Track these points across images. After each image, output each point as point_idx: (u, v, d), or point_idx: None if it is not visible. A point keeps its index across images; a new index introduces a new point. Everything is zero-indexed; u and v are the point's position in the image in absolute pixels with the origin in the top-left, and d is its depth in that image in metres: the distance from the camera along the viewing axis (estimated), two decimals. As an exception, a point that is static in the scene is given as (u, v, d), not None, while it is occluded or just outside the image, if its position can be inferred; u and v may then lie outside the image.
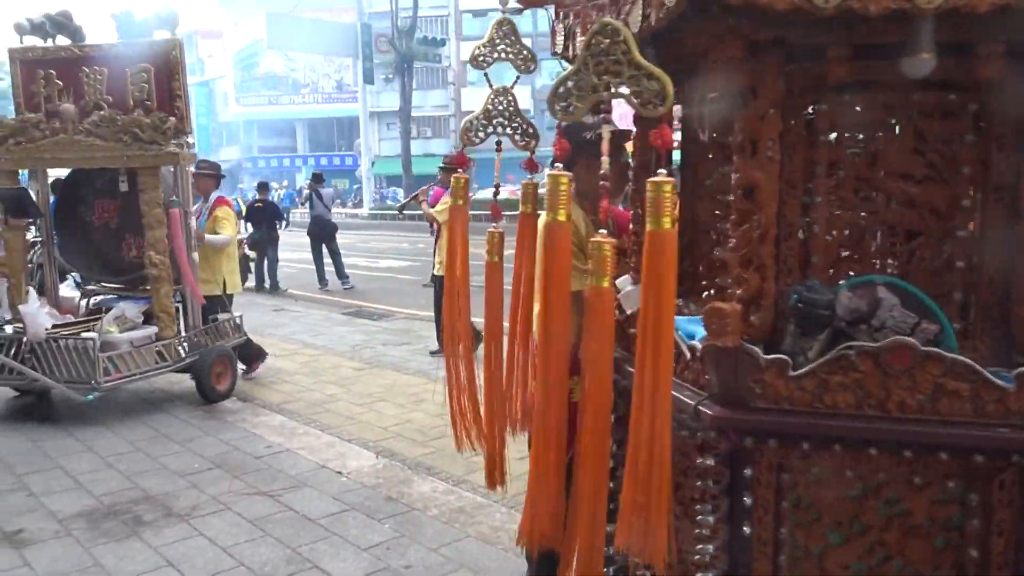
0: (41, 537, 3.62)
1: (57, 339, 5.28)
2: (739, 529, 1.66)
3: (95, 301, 6.25)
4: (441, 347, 7.13)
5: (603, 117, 1.39)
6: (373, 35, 33.14)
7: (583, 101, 1.33)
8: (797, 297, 1.68)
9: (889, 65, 1.62)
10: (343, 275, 12.39)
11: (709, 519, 1.68)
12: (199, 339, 5.88)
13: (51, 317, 5.63)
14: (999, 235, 1.73)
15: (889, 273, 1.79)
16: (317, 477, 4.32)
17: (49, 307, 5.78)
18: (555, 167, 1.42)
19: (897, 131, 1.79)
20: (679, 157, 2.33)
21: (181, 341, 5.79)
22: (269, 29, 33.72)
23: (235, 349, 6.21)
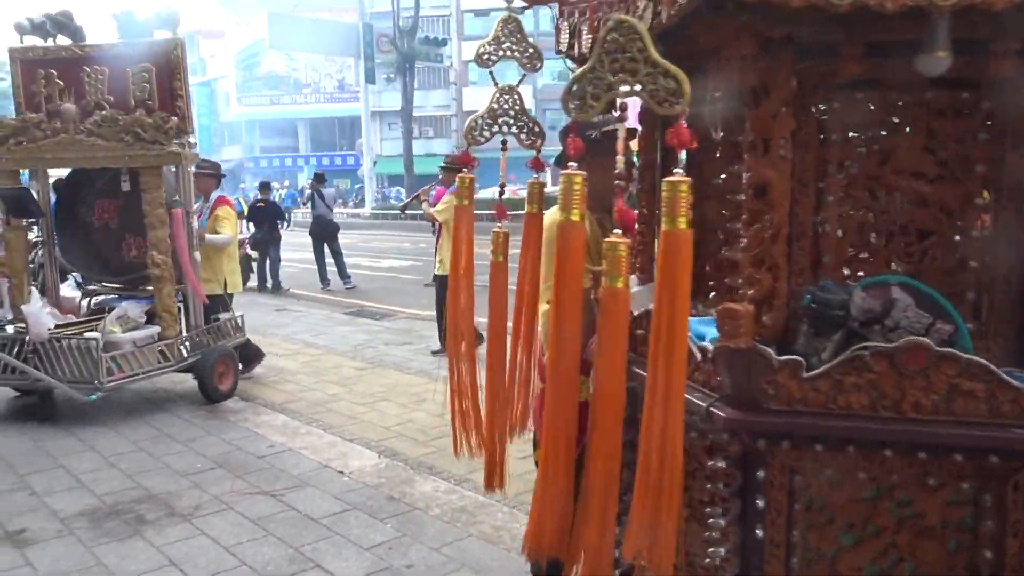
0: (43, 536, 3.61)
1: (60, 339, 5.26)
2: (751, 532, 1.64)
3: (96, 301, 6.24)
4: (443, 347, 7.19)
5: (619, 116, 1.36)
6: (375, 35, 33.18)
7: (598, 99, 1.31)
8: (811, 297, 1.67)
9: (902, 63, 1.60)
10: (345, 275, 12.39)
11: (720, 522, 1.66)
12: (201, 339, 5.88)
13: (53, 317, 5.62)
14: (1012, 234, 1.71)
15: (901, 273, 1.77)
16: (319, 477, 4.31)
17: (50, 307, 5.76)
18: (569, 166, 1.39)
19: (909, 130, 1.77)
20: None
21: (183, 341, 5.78)
22: (271, 29, 33.78)
23: (236, 349, 6.21)
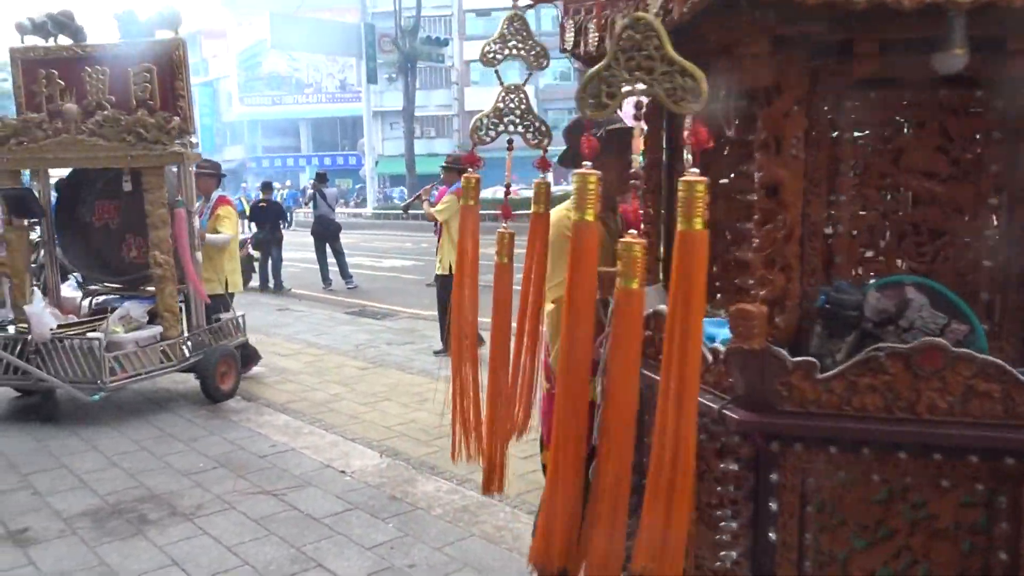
0: (46, 536, 3.62)
1: (63, 339, 5.27)
2: (763, 535, 1.62)
3: (98, 301, 6.24)
4: (445, 347, 7.20)
5: (635, 114, 1.34)
6: (376, 35, 33.17)
7: (613, 97, 1.29)
8: (825, 298, 1.64)
9: (916, 61, 1.58)
10: (347, 275, 12.39)
11: (732, 525, 1.64)
12: (203, 339, 5.88)
13: (54, 317, 5.63)
14: None
15: (912, 273, 1.75)
16: (321, 476, 4.31)
17: (51, 307, 5.77)
18: (583, 165, 1.37)
19: (921, 128, 1.75)
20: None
21: (185, 341, 5.79)
22: (273, 29, 33.77)
23: (238, 348, 6.22)
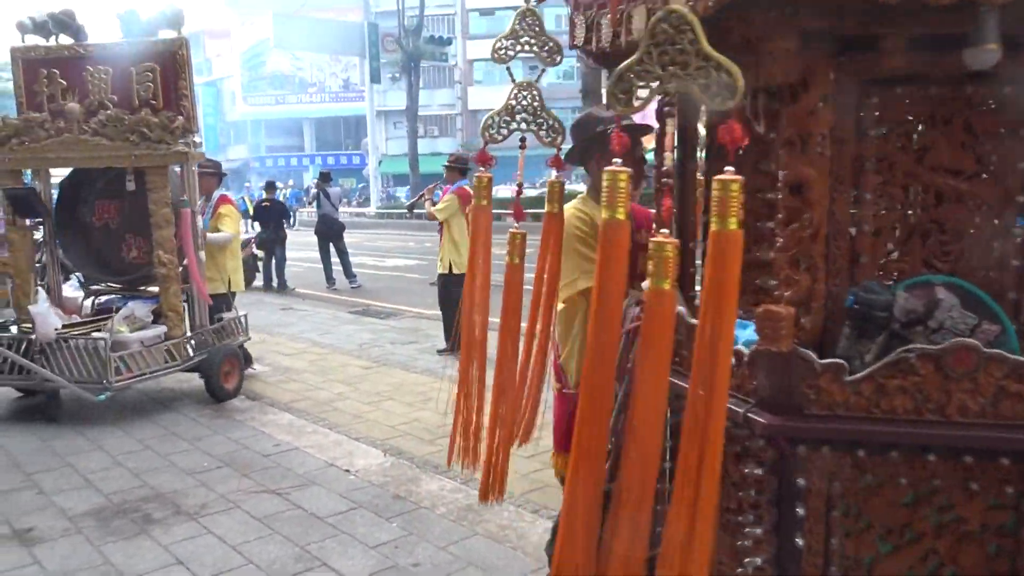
0: (51, 535, 3.64)
1: (67, 339, 5.30)
2: (788, 540, 1.59)
3: (100, 301, 6.26)
4: (448, 346, 7.20)
5: (666, 111, 1.32)
6: (380, 34, 33.16)
7: (647, 93, 1.25)
8: (854, 298, 1.61)
9: (944, 56, 1.56)
10: (350, 274, 12.41)
11: (757, 531, 1.61)
12: (206, 338, 5.90)
13: (58, 317, 5.65)
14: None
15: (937, 273, 1.72)
16: (325, 475, 4.33)
17: (54, 307, 5.79)
18: (614, 162, 1.33)
19: (947, 125, 1.72)
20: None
21: (189, 340, 5.81)
22: (276, 28, 33.81)
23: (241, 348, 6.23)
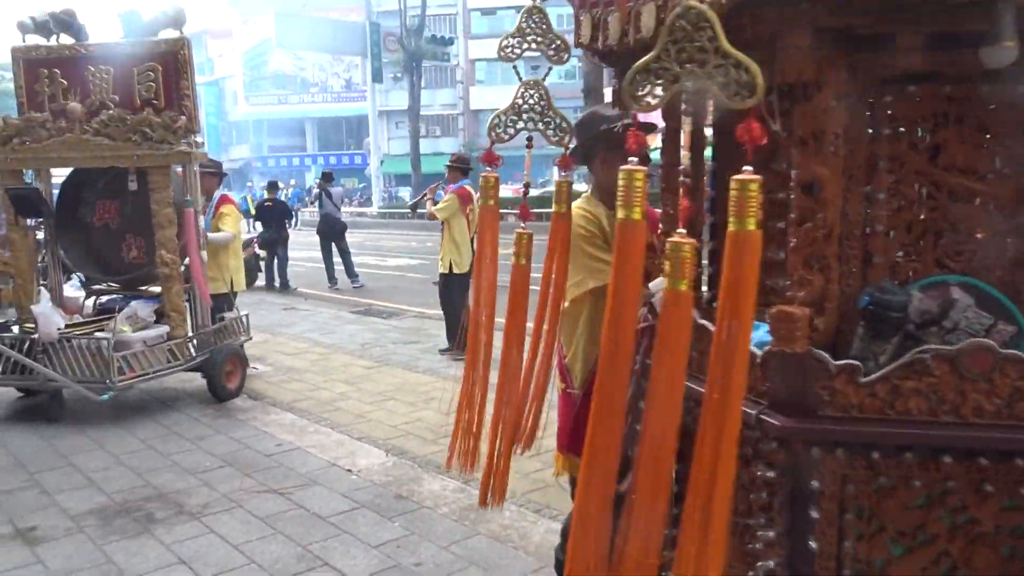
0: (54, 534, 3.65)
1: (70, 339, 5.30)
2: (800, 544, 1.57)
3: (102, 301, 6.26)
4: (450, 345, 7.20)
5: (684, 109, 1.30)
6: (382, 34, 33.17)
7: (664, 91, 1.23)
8: (869, 299, 1.60)
9: (960, 54, 1.55)
10: (353, 274, 12.41)
11: (770, 534, 1.59)
12: (208, 338, 5.90)
13: (61, 317, 5.66)
14: None
15: (951, 273, 1.71)
16: (327, 475, 4.33)
17: (56, 307, 5.79)
18: (630, 161, 1.32)
19: (960, 124, 1.71)
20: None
21: (191, 340, 5.81)
22: (278, 28, 33.88)
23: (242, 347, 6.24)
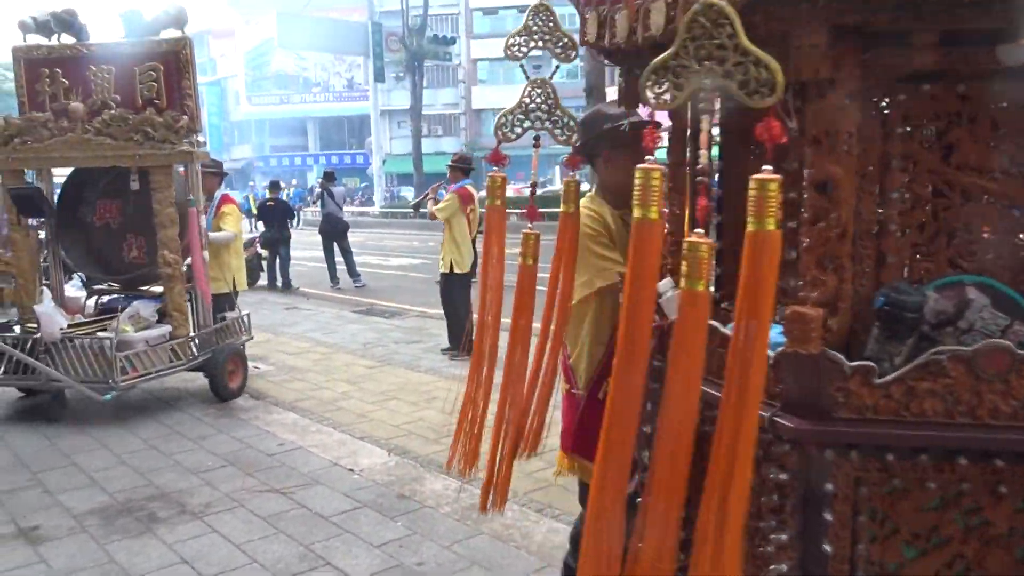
0: (57, 534, 3.65)
1: (72, 339, 5.31)
2: (814, 547, 1.56)
3: (103, 301, 6.26)
4: (452, 345, 7.21)
5: (703, 107, 1.25)
6: (384, 34, 33.19)
7: (681, 89, 1.21)
8: (884, 299, 1.58)
9: (973, 53, 1.54)
10: (355, 273, 12.43)
11: (782, 537, 1.57)
12: (210, 337, 5.91)
13: (63, 317, 5.67)
14: None
15: (963, 273, 1.70)
16: (329, 475, 4.33)
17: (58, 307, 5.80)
18: (646, 160, 1.30)
19: (974, 123, 1.69)
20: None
21: (193, 339, 5.81)
22: (280, 28, 33.92)
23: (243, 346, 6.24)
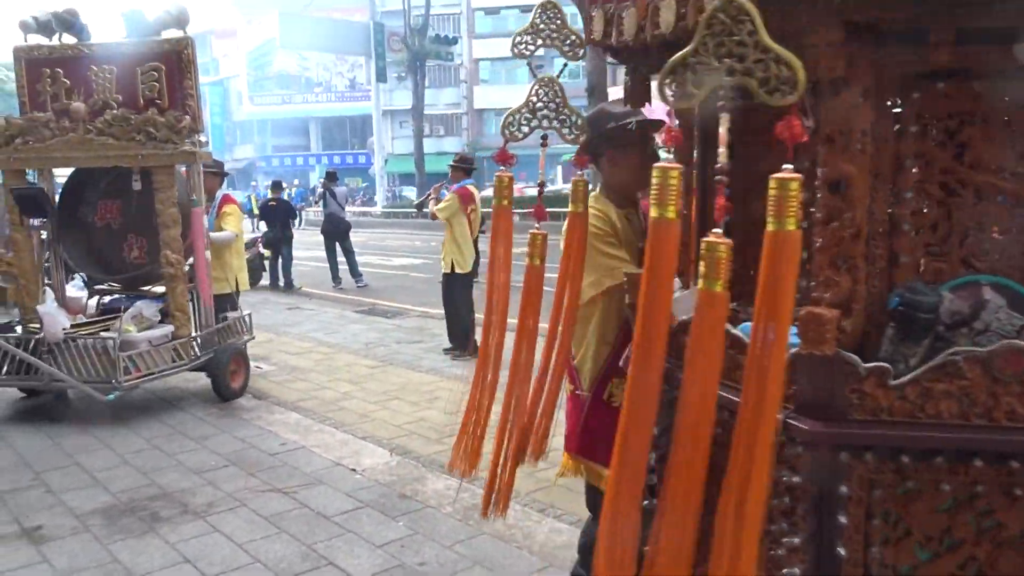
0: (59, 533, 3.66)
1: (75, 339, 5.32)
2: (827, 550, 1.55)
3: (105, 301, 6.26)
4: (453, 345, 7.21)
5: (721, 105, 1.24)
6: (386, 34, 33.22)
7: (700, 86, 1.20)
8: (899, 300, 1.57)
9: (990, 51, 1.53)
10: (357, 273, 12.43)
11: (795, 541, 1.56)
12: (212, 337, 5.91)
13: (66, 317, 5.67)
14: None
15: (976, 273, 1.69)
16: (332, 474, 4.34)
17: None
18: (665, 158, 1.31)
19: (987, 122, 1.67)
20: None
21: (195, 339, 5.82)
22: (282, 28, 33.96)
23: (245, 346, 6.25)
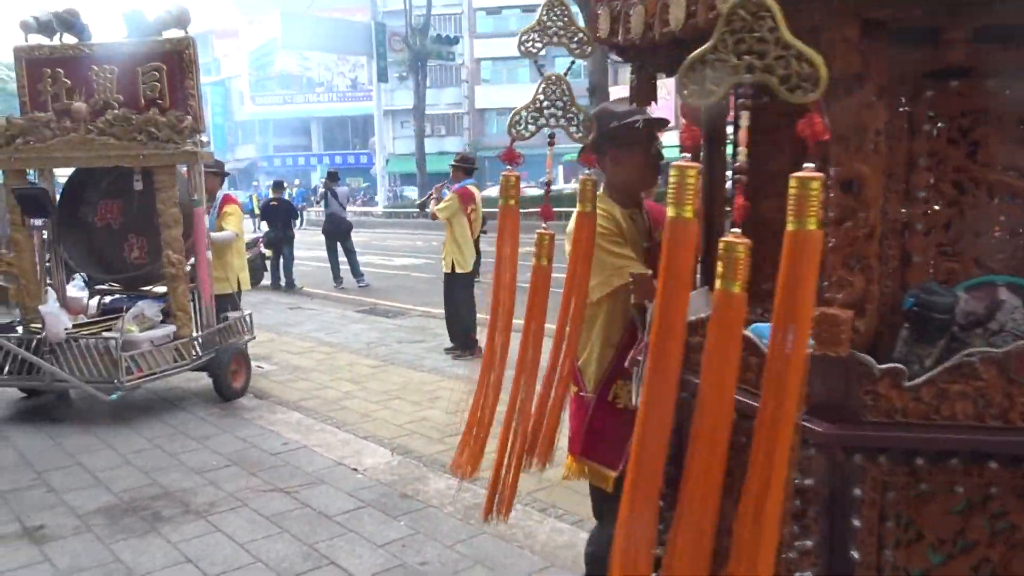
0: (61, 533, 3.66)
1: (77, 339, 5.32)
2: (839, 553, 1.54)
3: (106, 301, 6.26)
4: (454, 345, 7.22)
5: (739, 103, 1.22)
6: (387, 34, 33.28)
7: (720, 84, 1.18)
8: (914, 300, 1.56)
9: (1005, 50, 1.53)
10: (358, 273, 12.44)
11: (807, 543, 1.55)
12: (214, 337, 5.91)
13: (68, 317, 5.67)
14: None
15: (989, 273, 1.68)
16: (333, 474, 4.34)
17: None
18: (683, 158, 1.29)
19: (1001, 120, 1.67)
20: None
21: (196, 339, 5.81)
22: (284, 28, 34.04)
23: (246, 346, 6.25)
